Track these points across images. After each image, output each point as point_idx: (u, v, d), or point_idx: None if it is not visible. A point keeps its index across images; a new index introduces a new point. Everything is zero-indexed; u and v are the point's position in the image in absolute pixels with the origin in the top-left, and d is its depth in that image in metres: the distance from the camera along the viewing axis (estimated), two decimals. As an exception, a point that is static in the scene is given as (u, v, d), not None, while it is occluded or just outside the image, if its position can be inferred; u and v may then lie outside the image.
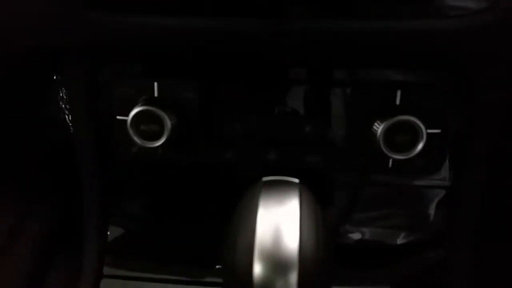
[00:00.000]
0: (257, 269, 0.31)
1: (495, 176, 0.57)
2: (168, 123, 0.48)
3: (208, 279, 0.57)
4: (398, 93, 0.48)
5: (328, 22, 0.43)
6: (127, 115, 0.49)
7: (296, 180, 0.37)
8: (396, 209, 0.57)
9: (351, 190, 0.57)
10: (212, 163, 0.53)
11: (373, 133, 0.48)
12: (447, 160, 0.53)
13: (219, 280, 0.38)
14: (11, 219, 0.68)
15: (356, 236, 0.58)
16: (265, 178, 0.37)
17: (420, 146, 0.46)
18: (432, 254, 0.58)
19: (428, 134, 0.47)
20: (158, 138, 0.48)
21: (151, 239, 0.61)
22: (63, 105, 0.60)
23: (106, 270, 0.58)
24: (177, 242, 0.60)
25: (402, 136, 0.47)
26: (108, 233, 0.60)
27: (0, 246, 0.66)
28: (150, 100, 0.49)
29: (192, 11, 0.46)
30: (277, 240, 0.32)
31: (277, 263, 0.31)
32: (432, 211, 0.57)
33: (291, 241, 0.32)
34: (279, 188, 0.35)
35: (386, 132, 0.46)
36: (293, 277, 0.31)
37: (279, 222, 0.32)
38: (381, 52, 0.45)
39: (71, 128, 0.59)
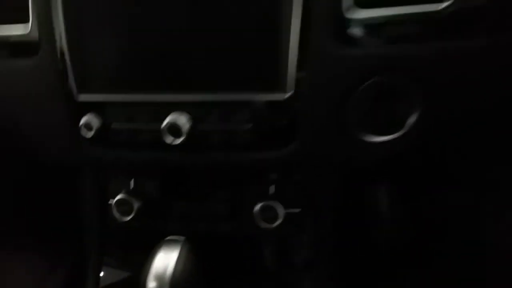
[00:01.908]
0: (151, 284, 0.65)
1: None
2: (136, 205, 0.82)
3: None
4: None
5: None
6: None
7: (183, 238, 0.69)
8: None
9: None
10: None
11: None
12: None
13: None
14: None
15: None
16: (167, 238, 0.70)
17: None
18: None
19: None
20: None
21: None
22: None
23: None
24: None
25: None
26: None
27: None
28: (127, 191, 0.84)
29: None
30: (162, 272, 0.65)
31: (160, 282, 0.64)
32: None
33: (167, 273, 0.64)
34: (171, 243, 0.68)
35: None
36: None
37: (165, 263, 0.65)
38: None
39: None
